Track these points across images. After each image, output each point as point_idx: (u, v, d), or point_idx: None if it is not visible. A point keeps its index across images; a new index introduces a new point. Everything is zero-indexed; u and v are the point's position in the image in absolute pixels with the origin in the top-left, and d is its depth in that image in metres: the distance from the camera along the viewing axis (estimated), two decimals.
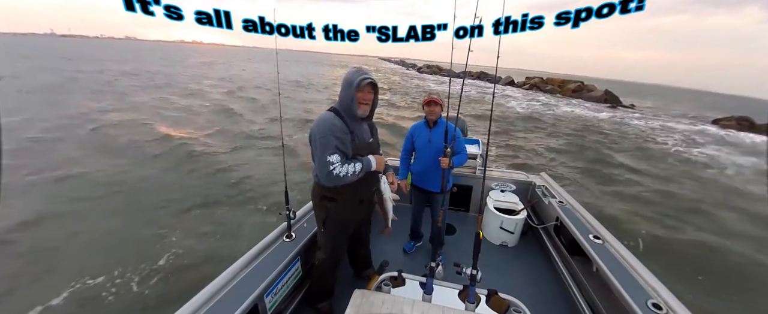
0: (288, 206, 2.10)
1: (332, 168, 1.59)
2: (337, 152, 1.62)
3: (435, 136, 2.43)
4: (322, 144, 1.61)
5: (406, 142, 2.63)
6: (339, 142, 1.62)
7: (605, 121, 19.24)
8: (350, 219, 1.93)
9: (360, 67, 1.74)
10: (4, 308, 3.12)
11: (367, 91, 1.69)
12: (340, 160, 1.62)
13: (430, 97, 2.38)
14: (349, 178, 1.65)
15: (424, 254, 2.90)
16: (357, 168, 1.67)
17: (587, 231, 2.33)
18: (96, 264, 3.70)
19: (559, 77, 44.24)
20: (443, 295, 1.56)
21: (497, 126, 13.86)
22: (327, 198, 1.81)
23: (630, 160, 10.47)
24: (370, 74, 1.68)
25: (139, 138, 8.52)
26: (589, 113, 22.18)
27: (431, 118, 2.44)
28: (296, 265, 2.07)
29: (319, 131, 1.62)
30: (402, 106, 18.18)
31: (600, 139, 13.75)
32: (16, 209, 4.68)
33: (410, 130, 2.61)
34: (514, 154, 9.83)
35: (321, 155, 1.60)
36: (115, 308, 3.18)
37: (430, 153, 2.43)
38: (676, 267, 4.52)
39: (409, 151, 2.64)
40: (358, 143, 1.74)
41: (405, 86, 31.32)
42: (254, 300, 1.61)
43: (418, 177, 2.60)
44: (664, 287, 1.69)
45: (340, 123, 1.65)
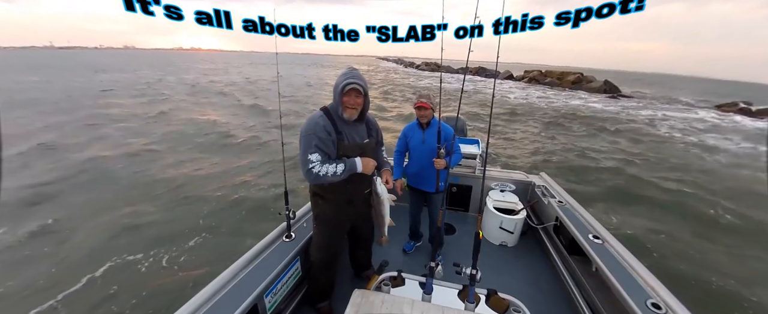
0: (288, 206, 2.10)
1: (311, 166, 1.63)
2: (318, 151, 1.64)
3: (429, 137, 2.42)
4: (304, 142, 1.66)
5: (399, 143, 2.62)
6: (319, 142, 1.64)
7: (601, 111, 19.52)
8: (340, 217, 1.94)
9: (352, 69, 1.72)
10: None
11: (353, 96, 1.66)
12: (319, 160, 1.64)
13: (420, 100, 2.34)
14: (330, 178, 1.66)
15: (424, 254, 2.90)
16: (339, 169, 1.67)
17: (587, 231, 2.33)
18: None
19: (557, 69, 44.17)
20: (443, 295, 1.57)
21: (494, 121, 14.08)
22: (317, 195, 1.87)
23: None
24: (358, 78, 1.65)
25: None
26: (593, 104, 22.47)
27: (423, 121, 2.43)
28: (296, 265, 2.07)
29: (304, 129, 1.67)
30: (395, 104, 18.23)
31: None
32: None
33: (403, 130, 2.60)
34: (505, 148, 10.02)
35: (302, 153, 1.65)
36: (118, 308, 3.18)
37: (425, 153, 2.42)
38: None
39: (403, 151, 2.63)
40: (347, 144, 1.74)
41: (401, 84, 31.30)
42: (254, 300, 1.61)
43: (414, 178, 2.59)
44: (664, 287, 1.69)
45: (326, 122, 1.67)
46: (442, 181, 2.44)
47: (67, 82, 23.59)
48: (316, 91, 23.69)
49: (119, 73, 32.93)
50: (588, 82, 33.68)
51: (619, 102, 24.64)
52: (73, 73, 31.19)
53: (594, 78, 35.03)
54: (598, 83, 32.37)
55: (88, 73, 31.84)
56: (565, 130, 13.03)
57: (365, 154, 1.81)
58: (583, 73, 36.54)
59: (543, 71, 41.61)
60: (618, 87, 31.86)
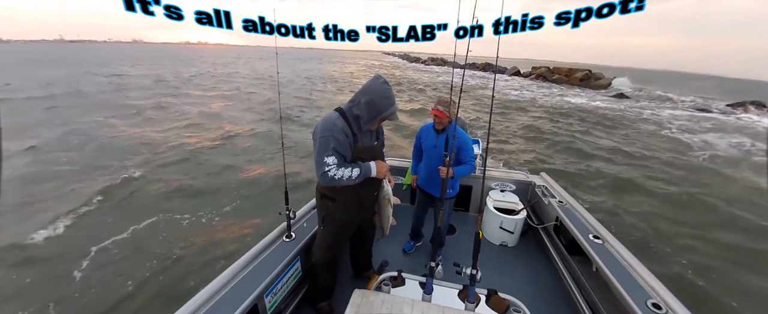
0: (288, 206, 2.10)
1: (327, 169, 1.60)
2: (335, 154, 1.61)
3: (441, 142, 2.39)
4: (320, 143, 1.62)
5: (416, 141, 2.68)
6: (337, 144, 1.61)
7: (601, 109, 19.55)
8: (349, 219, 1.93)
9: (384, 82, 1.67)
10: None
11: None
12: (336, 163, 1.62)
13: (437, 108, 2.31)
14: (345, 182, 1.65)
15: (424, 254, 2.90)
16: (354, 173, 1.66)
17: (587, 231, 2.33)
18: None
19: (566, 66, 44.01)
20: (443, 295, 1.56)
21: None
22: (327, 197, 1.82)
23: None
24: (395, 102, 1.68)
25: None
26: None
27: (437, 127, 2.43)
28: (296, 265, 2.07)
29: (320, 130, 1.63)
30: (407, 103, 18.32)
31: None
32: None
33: (420, 129, 2.63)
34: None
35: (318, 155, 1.62)
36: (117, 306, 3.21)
37: (435, 158, 2.43)
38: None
39: (418, 148, 2.66)
40: (360, 146, 1.73)
41: (416, 80, 31.22)
42: (254, 300, 1.61)
43: (423, 180, 2.60)
44: (664, 287, 1.69)
45: (344, 125, 1.64)
46: (449, 189, 2.43)
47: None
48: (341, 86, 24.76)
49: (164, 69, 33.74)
50: (596, 79, 33.54)
51: (622, 102, 24.18)
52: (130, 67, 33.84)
53: (602, 75, 34.89)
54: (606, 80, 32.33)
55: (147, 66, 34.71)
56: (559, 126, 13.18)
57: (375, 157, 1.82)
58: (591, 71, 36.33)
59: (551, 68, 41.40)
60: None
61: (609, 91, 29.70)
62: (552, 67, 41.42)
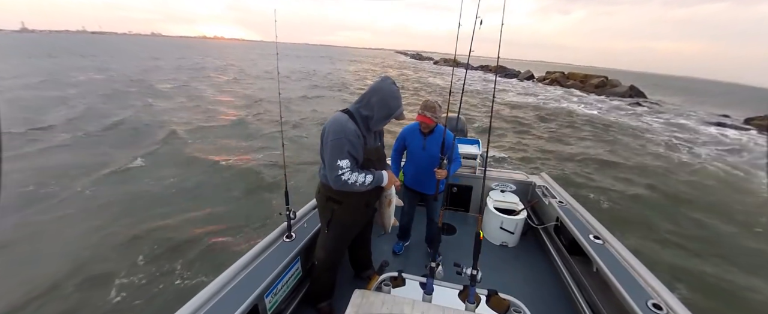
0: (288, 206, 2.10)
1: (341, 172, 1.56)
2: (349, 157, 1.58)
3: (430, 144, 2.37)
4: (333, 146, 1.56)
5: (396, 144, 2.57)
6: (351, 147, 1.58)
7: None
8: (355, 222, 1.92)
9: (392, 83, 1.66)
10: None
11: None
12: (349, 166, 1.58)
13: (424, 114, 2.25)
14: (358, 188, 1.62)
15: (424, 254, 2.90)
16: (367, 180, 1.64)
17: (587, 231, 2.33)
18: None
19: (581, 71, 42.51)
20: (443, 295, 1.56)
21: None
22: (333, 200, 1.79)
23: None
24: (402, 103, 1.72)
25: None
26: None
27: (424, 131, 2.39)
28: (296, 265, 2.07)
29: (334, 132, 1.57)
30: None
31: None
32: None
33: (402, 131, 2.54)
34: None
35: (331, 158, 1.57)
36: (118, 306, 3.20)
37: (425, 159, 2.40)
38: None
39: (400, 151, 2.60)
40: (368, 147, 1.73)
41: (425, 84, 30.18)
42: (254, 300, 1.61)
43: (412, 180, 2.57)
44: (665, 287, 1.69)
45: (354, 127, 1.61)
46: (442, 185, 2.43)
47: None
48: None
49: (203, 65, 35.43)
50: (612, 86, 31.66)
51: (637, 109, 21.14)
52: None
53: (619, 82, 32.70)
54: (623, 87, 30.13)
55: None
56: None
57: (381, 157, 1.83)
58: (607, 77, 34.34)
59: (566, 73, 39.70)
60: (643, 92, 29.73)
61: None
62: (567, 73, 39.60)
